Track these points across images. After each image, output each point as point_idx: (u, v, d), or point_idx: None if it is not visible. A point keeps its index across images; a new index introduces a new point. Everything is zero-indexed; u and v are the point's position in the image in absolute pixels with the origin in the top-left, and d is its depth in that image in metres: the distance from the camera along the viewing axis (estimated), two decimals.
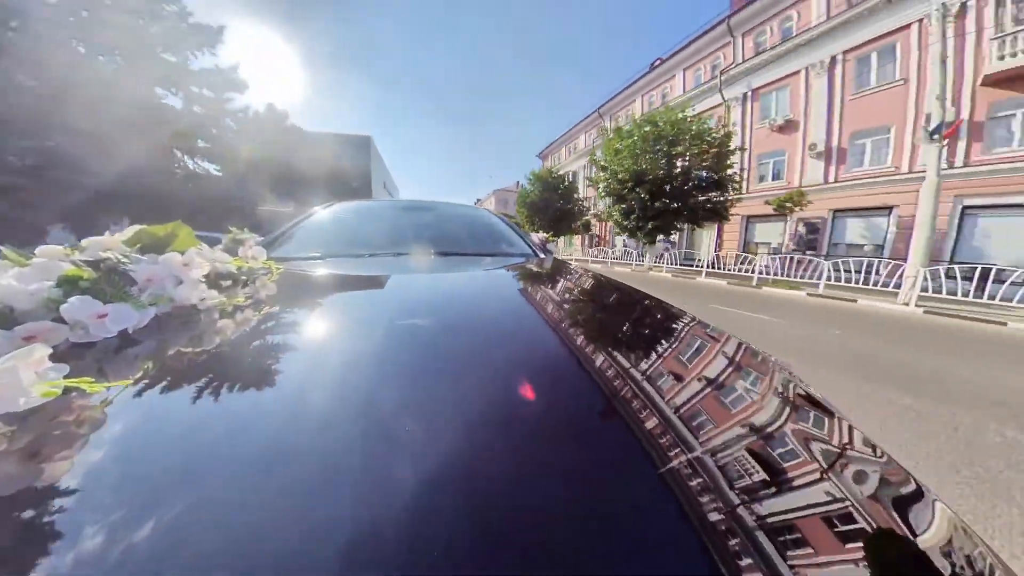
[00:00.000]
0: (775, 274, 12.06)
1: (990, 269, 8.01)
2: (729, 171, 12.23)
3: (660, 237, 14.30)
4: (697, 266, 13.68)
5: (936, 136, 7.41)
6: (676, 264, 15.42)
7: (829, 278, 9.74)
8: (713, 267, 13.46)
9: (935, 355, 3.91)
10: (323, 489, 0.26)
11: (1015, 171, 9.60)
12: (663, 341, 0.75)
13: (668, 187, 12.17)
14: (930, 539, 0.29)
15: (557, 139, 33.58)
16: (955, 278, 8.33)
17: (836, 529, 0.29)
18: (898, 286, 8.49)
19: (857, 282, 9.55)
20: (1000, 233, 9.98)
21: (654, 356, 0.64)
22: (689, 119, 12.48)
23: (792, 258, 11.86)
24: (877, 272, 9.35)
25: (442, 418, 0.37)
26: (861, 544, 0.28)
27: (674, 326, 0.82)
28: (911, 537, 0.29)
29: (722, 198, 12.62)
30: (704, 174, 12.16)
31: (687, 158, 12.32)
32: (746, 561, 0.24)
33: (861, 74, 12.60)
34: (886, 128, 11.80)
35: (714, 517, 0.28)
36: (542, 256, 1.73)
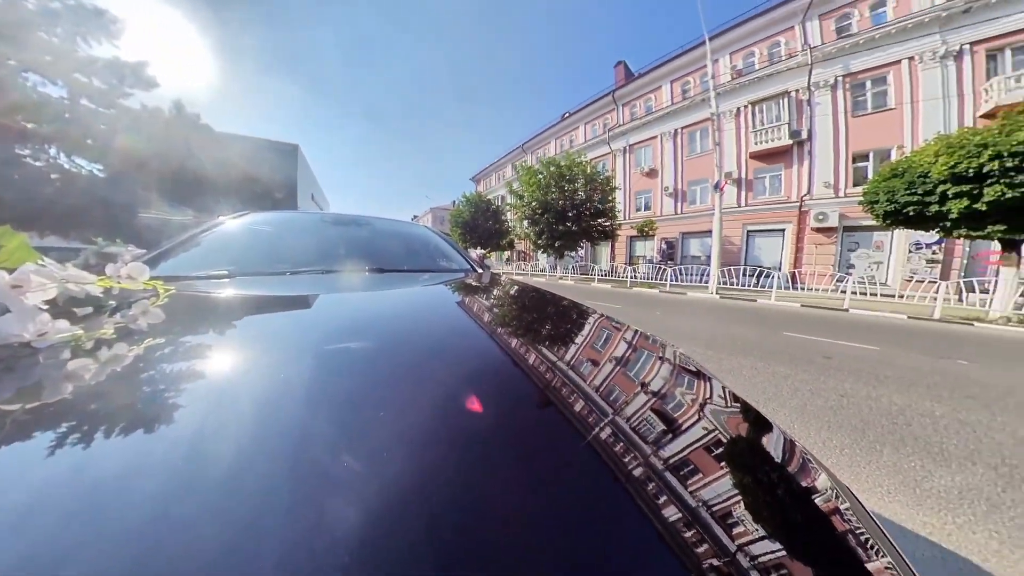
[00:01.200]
0: (650, 278, 16.60)
1: (756, 267, 13.21)
2: (609, 204, 16.60)
3: (571, 253, 18.17)
4: (591, 275, 17.77)
5: (715, 190, 12.20)
6: (577, 273, 19.56)
7: (675, 280, 14.30)
8: (609, 275, 17.70)
9: (714, 321, 6.83)
10: (240, 556, 0.21)
11: (765, 210, 15.56)
12: (600, 346, 0.78)
13: (569, 214, 15.97)
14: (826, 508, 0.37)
15: (489, 166, 37.34)
16: (747, 275, 13.46)
17: (716, 453, 0.40)
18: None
19: (691, 281, 14.25)
20: (765, 247, 15.84)
21: (596, 360, 0.66)
22: (584, 163, 16.68)
23: (659, 266, 16.55)
24: (706, 275, 14.11)
25: (385, 450, 0.32)
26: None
27: (609, 334, 0.86)
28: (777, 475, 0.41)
29: (608, 223, 16.92)
30: (593, 206, 16.28)
31: (582, 193, 16.37)
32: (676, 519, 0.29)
33: (692, 142, 18.47)
34: (706, 179, 17.53)
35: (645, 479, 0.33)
36: (480, 271, 1.71)
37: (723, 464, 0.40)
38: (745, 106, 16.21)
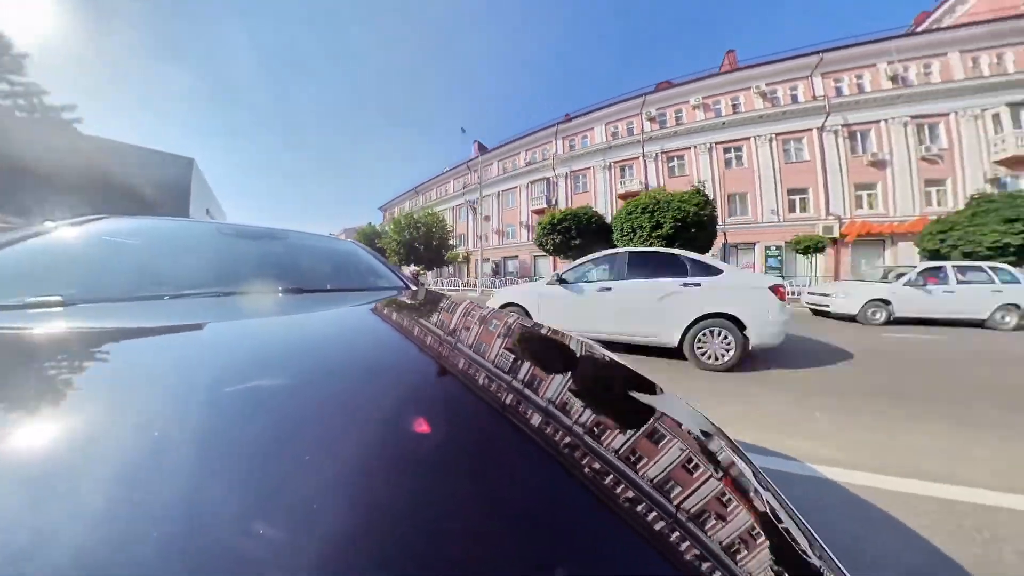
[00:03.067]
0: (479, 288, 25.82)
1: (534, 277, 23.06)
2: (446, 240, 25.72)
3: (427, 272, 26.79)
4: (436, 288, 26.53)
5: (481, 218, 21.78)
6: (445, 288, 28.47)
7: (491, 286, 23.67)
8: (450, 287, 26.60)
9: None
10: None
11: None
12: (550, 359, 0.84)
13: (420, 248, 24.65)
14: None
15: (394, 199, 44.97)
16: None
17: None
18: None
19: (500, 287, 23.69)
20: (543, 266, 26.21)
21: (547, 373, 0.68)
22: (431, 215, 25.58)
23: (492, 280, 25.93)
24: (497, 284, 23.60)
25: (313, 505, 0.27)
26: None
27: (557, 347, 0.91)
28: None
29: (448, 253, 26.00)
30: (434, 242, 25.20)
31: (429, 232, 25.20)
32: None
33: (506, 202, 28.71)
34: (513, 225, 27.69)
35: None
36: (415, 288, 1.63)
37: (675, 462, 0.43)
38: (530, 183, 26.87)
